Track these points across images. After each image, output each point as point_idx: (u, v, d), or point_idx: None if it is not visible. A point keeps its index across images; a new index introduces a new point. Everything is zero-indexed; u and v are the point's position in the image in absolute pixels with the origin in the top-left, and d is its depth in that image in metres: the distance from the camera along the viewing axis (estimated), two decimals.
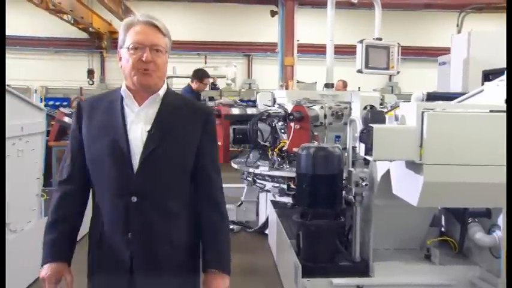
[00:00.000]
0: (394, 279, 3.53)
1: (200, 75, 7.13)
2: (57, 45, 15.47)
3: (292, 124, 4.98)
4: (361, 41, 5.22)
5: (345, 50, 9.12)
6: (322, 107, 5.38)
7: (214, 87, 14.16)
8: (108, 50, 15.07)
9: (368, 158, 2.85)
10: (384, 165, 3.26)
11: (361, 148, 2.94)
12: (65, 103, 12.99)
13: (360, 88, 10.36)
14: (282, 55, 12.51)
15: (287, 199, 5.18)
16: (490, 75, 3.87)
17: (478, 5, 6.65)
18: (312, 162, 3.72)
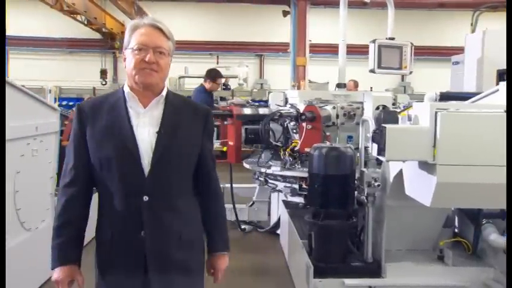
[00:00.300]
0: (406, 280, 3.51)
1: (213, 75, 7.15)
2: (70, 45, 15.62)
3: (304, 124, 4.97)
4: (374, 40, 5.19)
5: (357, 50, 9.08)
6: (334, 107, 5.36)
7: (226, 88, 14.19)
8: (121, 50, 15.08)
9: (381, 158, 2.84)
10: (397, 166, 3.24)
11: (373, 148, 2.93)
12: (78, 103, 13.08)
13: (372, 88, 10.31)
14: (294, 55, 12.50)
15: (299, 199, 5.17)
16: (504, 75, 3.83)
17: (492, 3, 6.57)
18: (324, 163, 3.71)
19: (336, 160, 3.70)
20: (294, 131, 5.29)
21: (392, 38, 5.44)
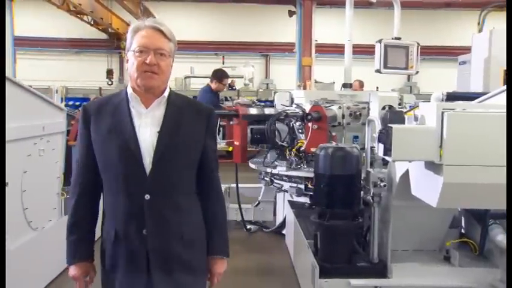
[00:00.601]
0: (412, 281, 3.50)
1: (219, 76, 7.15)
2: (77, 45, 15.71)
3: (310, 124, 4.96)
4: (380, 40, 5.18)
5: (363, 50, 9.06)
6: (340, 107, 5.35)
7: (232, 89, 14.21)
8: None
9: (387, 158, 2.83)
10: (403, 166, 3.23)
11: (379, 148, 2.92)
12: (84, 103, 13.14)
13: (378, 88, 10.30)
14: (300, 55, 12.51)
15: (304, 199, 5.16)
16: None
17: (499, 2, 6.53)
18: (330, 163, 3.70)
19: (342, 160, 3.69)
20: (300, 131, 5.29)
21: (399, 38, 5.42)
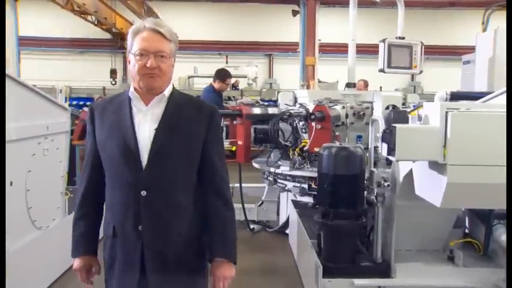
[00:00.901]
0: (416, 281, 3.49)
1: (222, 75, 7.16)
2: (81, 45, 15.74)
3: (313, 124, 4.96)
4: (384, 40, 5.17)
5: (367, 50, 9.05)
6: (343, 107, 5.34)
7: (235, 88, 14.22)
8: None
9: (391, 158, 2.82)
10: (407, 166, 3.22)
11: (383, 148, 2.91)
12: (88, 103, 13.20)
13: (382, 88, 10.28)
14: (304, 54, 12.48)
15: (308, 199, 5.16)
16: None
17: (504, 1, 6.50)
18: (334, 162, 3.70)
19: (346, 160, 3.69)
20: (303, 130, 5.29)
21: (402, 37, 5.41)
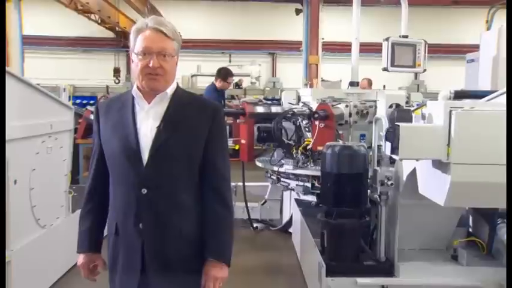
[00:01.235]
0: (419, 280, 3.49)
1: (224, 74, 7.16)
2: (84, 44, 15.76)
3: (316, 123, 4.96)
4: (387, 38, 5.15)
5: (370, 48, 9.03)
6: (347, 106, 5.33)
7: (238, 87, 14.21)
8: None
9: (394, 156, 2.82)
10: (410, 164, 3.21)
11: (387, 147, 2.91)
12: (91, 101, 13.22)
13: (385, 86, 10.24)
14: (307, 53, 12.47)
15: (311, 198, 5.15)
16: None
17: None
18: (337, 161, 3.69)
19: (349, 159, 3.68)
20: (307, 129, 5.28)
21: (406, 36, 5.40)
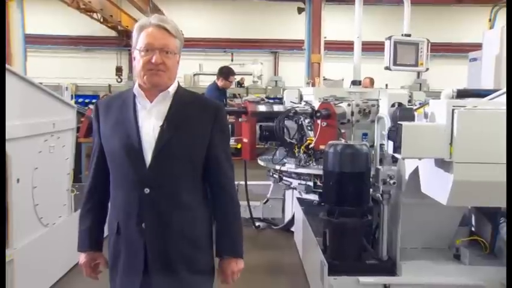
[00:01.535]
0: (421, 279, 3.48)
1: (226, 73, 7.16)
2: (86, 43, 15.76)
3: (319, 121, 4.96)
4: (390, 37, 5.14)
5: (372, 47, 8.99)
6: (349, 104, 5.32)
7: (240, 86, 14.20)
8: None
9: (396, 155, 2.82)
10: (413, 163, 3.21)
11: (389, 146, 2.91)
12: (94, 100, 13.22)
13: (388, 85, 10.24)
14: (309, 52, 12.44)
15: (313, 196, 5.16)
16: None
17: None
18: (339, 160, 3.69)
19: (351, 157, 3.68)
20: (309, 128, 5.28)
21: (409, 35, 5.39)
